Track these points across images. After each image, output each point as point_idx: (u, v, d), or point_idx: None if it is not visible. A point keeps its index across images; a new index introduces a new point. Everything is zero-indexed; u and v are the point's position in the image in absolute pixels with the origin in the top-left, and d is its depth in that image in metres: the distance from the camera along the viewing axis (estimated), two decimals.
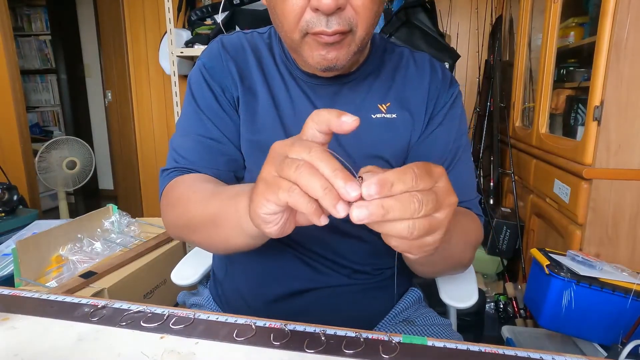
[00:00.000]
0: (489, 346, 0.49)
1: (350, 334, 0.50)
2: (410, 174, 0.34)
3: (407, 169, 0.35)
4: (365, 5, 0.53)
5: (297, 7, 0.53)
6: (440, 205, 0.37)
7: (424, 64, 0.72)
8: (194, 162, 0.66)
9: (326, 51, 0.56)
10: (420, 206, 0.34)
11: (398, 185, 0.34)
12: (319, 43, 0.55)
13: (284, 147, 0.38)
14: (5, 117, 2.33)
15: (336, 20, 0.52)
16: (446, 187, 0.38)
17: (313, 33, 0.54)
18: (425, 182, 0.35)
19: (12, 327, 0.52)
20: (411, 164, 0.35)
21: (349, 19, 0.53)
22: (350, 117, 0.37)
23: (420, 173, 0.35)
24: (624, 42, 1.15)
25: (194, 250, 0.94)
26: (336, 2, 0.50)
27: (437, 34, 1.80)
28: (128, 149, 3.04)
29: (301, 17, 0.54)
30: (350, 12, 0.53)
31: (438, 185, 0.37)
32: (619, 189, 1.22)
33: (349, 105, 0.68)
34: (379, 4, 0.55)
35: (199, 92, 0.69)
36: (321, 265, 0.70)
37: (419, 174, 0.35)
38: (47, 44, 3.97)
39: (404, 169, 0.35)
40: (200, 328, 0.52)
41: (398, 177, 0.34)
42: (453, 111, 0.71)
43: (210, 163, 0.66)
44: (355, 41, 0.56)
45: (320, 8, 0.51)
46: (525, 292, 1.19)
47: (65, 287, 1.14)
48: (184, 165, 0.66)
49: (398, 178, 0.34)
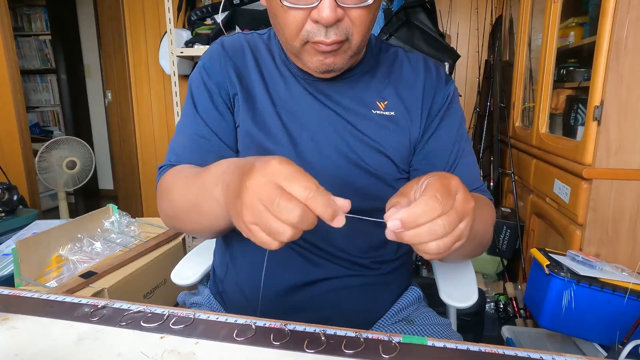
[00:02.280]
0: (489, 346, 0.49)
1: (350, 334, 0.50)
2: (434, 204, 0.39)
3: (431, 200, 0.40)
4: (361, 17, 0.57)
5: (298, 18, 0.57)
6: (462, 216, 0.42)
7: (418, 63, 0.74)
8: (185, 159, 0.69)
9: (324, 57, 0.60)
10: (445, 228, 0.40)
11: (423, 218, 0.39)
12: (317, 51, 0.59)
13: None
14: (5, 117, 2.33)
15: (334, 31, 0.56)
16: (464, 196, 0.42)
17: (313, 42, 0.58)
18: (447, 204, 0.40)
19: (12, 327, 0.52)
20: (432, 190, 0.40)
21: (345, 29, 0.57)
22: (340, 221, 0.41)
23: (443, 198, 0.40)
24: (624, 41, 1.15)
25: (194, 250, 0.94)
26: (335, 16, 0.54)
27: (437, 34, 1.80)
28: (128, 149, 3.04)
29: (302, 28, 0.57)
30: (347, 23, 0.57)
31: (457, 197, 0.42)
32: (619, 189, 1.22)
33: (350, 100, 0.70)
34: (374, 13, 0.60)
35: (197, 92, 0.72)
36: (319, 258, 0.70)
37: (442, 200, 0.40)
38: (47, 44, 3.97)
39: (428, 200, 0.40)
40: (200, 328, 0.52)
41: (423, 210, 0.40)
42: (452, 108, 0.73)
43: (199, 160, 0.68)
44: (351, 48, 0.60)
45: (321, 21, 0.55)
46: (525, 292, 1.19)
47: (65, 287, 1.14)
48: (176, 162, 0.69)
49: (423, 212, 0.39)
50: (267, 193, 0.39)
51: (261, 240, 0.41)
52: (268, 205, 0.39)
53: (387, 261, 0.75)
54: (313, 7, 0.55)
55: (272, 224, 0.39)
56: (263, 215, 0.40)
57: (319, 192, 0.39)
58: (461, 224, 0.42)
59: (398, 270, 0.77)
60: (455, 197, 0.42)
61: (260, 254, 0.71)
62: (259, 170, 0.41)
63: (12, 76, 2.31)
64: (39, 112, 4.17)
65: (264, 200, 0.39)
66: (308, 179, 0.40)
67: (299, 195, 0.39)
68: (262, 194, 0.40)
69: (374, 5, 0.58)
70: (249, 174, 0.42)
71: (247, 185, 0.41)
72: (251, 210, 0.41)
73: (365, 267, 0.72)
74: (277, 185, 0.39)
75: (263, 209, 0.40)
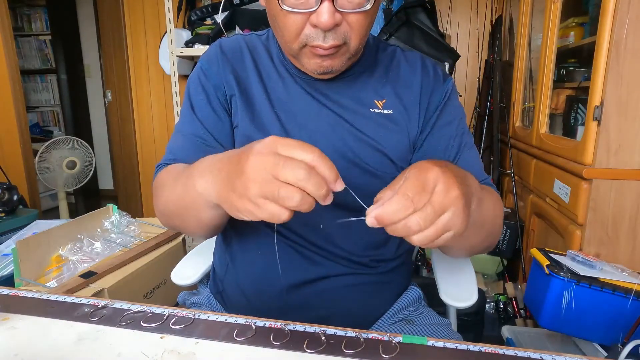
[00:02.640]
0: (489, 346, 0.49)
1: (350, 334, 0.50)
2: (405, 202, 0.40)
3: (403, 198, 0.41)
4: (359, 21, 0.58)
5: (298, 22, 0.58)
6: (443, 207, 0.42)
7: (415, 62, 0.75)
8: (182, 159, 0.69)
9: (322, 60, 0.61)
10: (420, 225, 0.41)
11: (397, 215, 0.41)
12: (315, 54, 0.60)
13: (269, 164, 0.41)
14: (5, 117, 2.33)
15: (332, 35, 0.57)
16: (444, 187, 0.42)
17: (311, 46, 0.59)
18: (420, 200, 0.41)
19: (12, 327, 0.52)
20: (406, 187, 0.41)
21: (343, 34, 0.58)
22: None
23: (415, 195, 0.41)
24: (624, 41, 1.15)
25: (194, 250, 0.94)
26: (333, 21, 0.55)
27: (437, 34, 1.80)
28: (128, 149, 3.04)
29: (301, 32, 0.58)
30: (345, 28, 0.58)
31: (436, 190, 0.42)
32: (619, 189, 1.22)
33: (348, 99, 0.70)
34: (371, 17, 0.60)
35: (194, 93, 0.72)
36: (318, 256, 0.70)
37: (414, 196, 0.41)
38: (47, 44, 3.97)
39: (400, 199, 0.41)
40: (200, 328, 0.52)
41: (396, 209, 0.40)
42: (450, 104, 0.73)
43: (195, 160, 0.69)
44: (349, 51, 0.61)
45: (319, 26, 0.56)
46: (525, 292, 1.19)
47: (65, 287, 1.14)
48: (172, 162, 0.70)
49: (396, 210, 0.40)
50: (271, 160, 0.41)
51: (271, 212, 0.42)
52: (273, 170, 0.40)
53: (386, 260, 0.75)
54: (312, 12, 0.55)
55: (279, 190, 0.40)
56: (269, 182, 0.41)
57: (322, 155, 0.41)
58: (444, 216, 0.42)
59: (398, 269, 0.77)
60: (434, 190, 0.42)
61: (260, 253, 0.71)
62: (259, 145, 0.43)
63: (12, 76, 2.32)
64: (39, 112, 4.17)
65: (269, 168, 0.41)
66: (309, 145, 0.42)
67: (303, 159, 0.41)
68: (267, 162, 0.41)
69: (372, 10, 0.58)
70: (249, 151, 0.43)
71: (250, 160, 0.42)
72: (257, 182, 0.41)
73: (364, 265, 0.72)
74: (279, 154, 0.41)
75: (269, 176, 0.41)
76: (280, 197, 0.40)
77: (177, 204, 0.60)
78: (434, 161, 0.45)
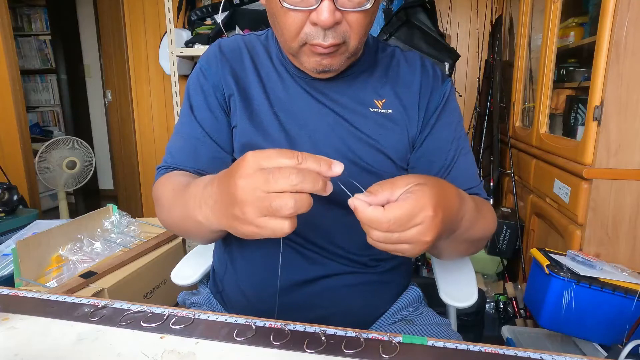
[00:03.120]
0: (489, 346, 0.49)
1: (350, 334, 0.50)
2: (383, 218, 0.43)
3: (384, 214, 0.43)
4: (359, 21, 0.58)
5: (298, 20, 0.58)
6: (409, 242, 0.45)
7: (415, 62, 0.75)
8: (179, 161, 0.70)
9: (321, 58, 0.61)
10: (382, 239, 0.44)
11: (370, 222, 0.44)
12: (314, 52, 0.60)
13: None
14: (5, 117, 2.33)
15: (332, 34, 0.57)
16: (423, 230, 0.44)
17: (311, 44, 0.59)
18: (397, 227, 0.43)
19: (12, 327, 0.52)
20: (395, 206, 0.44)
21: (343, 33, 0.58)
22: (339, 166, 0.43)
23: (396, 220, 0.43)
24: (624, 41, 1.15)
25: (194, 250, 0.94)
26: (333, 19, 0.55)
27: (437, 34, 1.80)
28: (128, 149, 3.04)
29: (301, 30, 0.58)
30: (345, 27, 0.58)
31: (415, 228, 0.44)
32: (619, 189, 1.22)
33: (348, 99, 0.70)
34: (371, 17, 0.61)
35: (193, 93, 0.73)
36: (317, 256, 0.70)
37: (394, 220, 0.43)
38: (47, 44, 3.97)
39: (381, 215, 0.43)
40: (200, 328, 0.52)
41: (372, 217, 0.43)
42: (449, 106, 0.74)
43: (192, 162, 0.70)
44: (349, 50, 0.61)
45: (319, 24, 0.56)
46: (525, 292, 1.19)
47: (65, 287, 1.14)
48: (171, 163, 0.71)
49: (371, 218, 0.44)
50: (260, 178, 0.41)
51: (273, 229, 0.42)
52: (265, 187, 0.40)
53: (386, 259, 0.75)
54: (312, 10, 0.55)
55: (272, 203, 0.40)
56: (264, 199, 0.41)
57: (304, 154, 0.41)
58: (405, 245, 0.45)
59: (397, 269, 0.77)
60: (413, 225, 0.44)
61: (259, 253, 0.71)
62: (242, 168, 0.42)
63: (12, 76, 2.31)
64: (39, 112, 4.17)
65: (261, 186, 0.41)
66: (287, 150, 0.42)
67: (289, 164, 0.41)
68: (256, 181, 0.41)
69: (372, 10, 0.58)
70: (234, 175, 0.43)
71: (239, 184, 0.42)
72: (252, 204, 0.41)
73: (363, 264, 0.73)
74: (264, 169, 0.41)
75: (262, 194, 0.41)
76: (275, 208, 0.40)
77: (179, 225, 0.62)
78: (440, 192, 0.47)
